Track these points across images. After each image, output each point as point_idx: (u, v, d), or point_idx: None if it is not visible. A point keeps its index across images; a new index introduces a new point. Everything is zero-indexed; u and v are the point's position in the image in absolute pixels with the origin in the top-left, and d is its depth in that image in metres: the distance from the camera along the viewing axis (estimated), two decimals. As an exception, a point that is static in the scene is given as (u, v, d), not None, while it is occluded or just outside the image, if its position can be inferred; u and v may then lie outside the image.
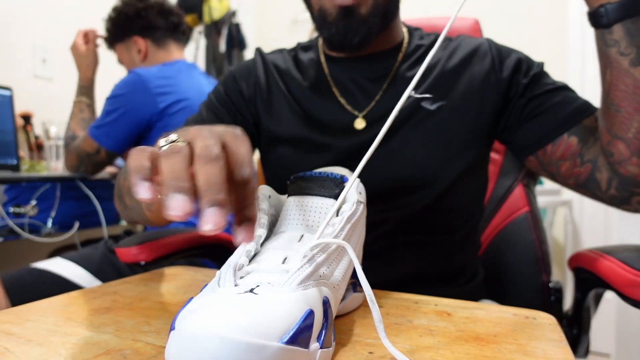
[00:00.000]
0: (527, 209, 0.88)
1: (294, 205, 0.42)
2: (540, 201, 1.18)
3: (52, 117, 1.49)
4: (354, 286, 0.46)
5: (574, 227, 1.95)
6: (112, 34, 1.43)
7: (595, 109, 0.63)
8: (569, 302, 0.76)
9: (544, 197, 1.72)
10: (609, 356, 1.77)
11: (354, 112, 0.69)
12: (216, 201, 0.28)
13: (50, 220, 1.29)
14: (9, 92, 1.35)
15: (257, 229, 0.40)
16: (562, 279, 1.95)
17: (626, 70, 0.54)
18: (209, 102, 0.75)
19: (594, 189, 0.62)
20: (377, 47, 0.71)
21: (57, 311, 0.45)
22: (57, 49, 1.83)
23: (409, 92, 0.38)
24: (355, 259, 0.35)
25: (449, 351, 0.36)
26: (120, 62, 1.48)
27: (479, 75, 0.68)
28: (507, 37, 1.16)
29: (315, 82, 0.73)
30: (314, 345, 0.30)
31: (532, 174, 0.92)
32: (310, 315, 0.30)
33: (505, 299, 0.82)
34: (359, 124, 0.68)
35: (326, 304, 0.34)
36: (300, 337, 0.29)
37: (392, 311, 0.47)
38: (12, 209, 1.19)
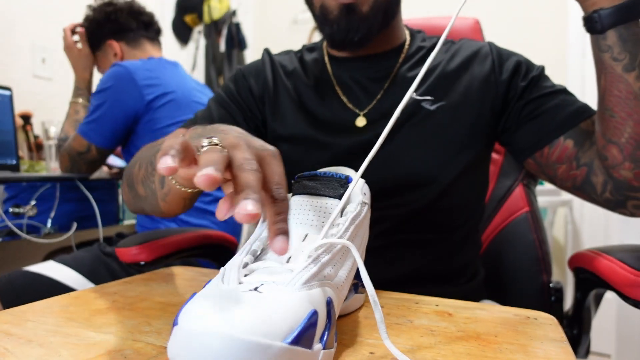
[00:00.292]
0: (528, 209, 0.88)
1: (298, 204, 0.42)
2: (540, 201, 1.18)
3: (52, 117, 1.48)
4: (356, 287, 0.46)
5: (574, 227, 1.96)
6: (90, 43, 1.41)
7: (593, 112, 0.63)
8: (569, 302, 0.76)
9: (544, 197, 1.72)
10: (610, 356, 1.77)
11: (355, 110, 0.70)
12: (254, 198, 0.28)
13: (49, 220, 1.29)
14: (8, 92, 1.34)
15: (260, 226, 0.40)
16: (563, 279, 1.95)
17: (620, 75, 0.55)
18: (219, 98, 0.76)
19: (590, 192, 0.62)
20: (379, 47, 0.72)
21: (58, 311, 0.45)
22: (56, 48, 1.82)
23: (409, 94, 0.38)
24: (359, 260, 0.35)
25: (450, 351, 0.36)
26: (98, 69, 1.45)
27: (479, 76, 0.68)
28: (507, 38, 1.16)
29: (319, 81, 0.74)
30: (317, 345, 0.30)
31: (532, 174, 0.92)
32: (314, 315, 0.30)
33: (505, 299, 0.82)
34: (360, 122, 0.69)
35: (330, 305, 0.33)
36: (303, 338, 0.28)
37: (393, 311, 0.47)
38: (11, 209, 1.19)
